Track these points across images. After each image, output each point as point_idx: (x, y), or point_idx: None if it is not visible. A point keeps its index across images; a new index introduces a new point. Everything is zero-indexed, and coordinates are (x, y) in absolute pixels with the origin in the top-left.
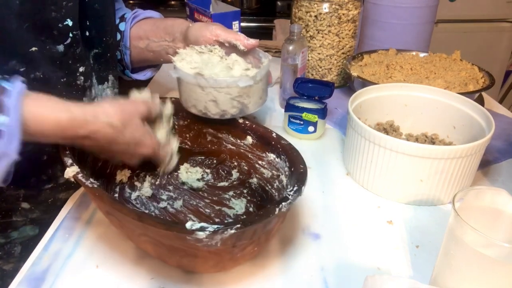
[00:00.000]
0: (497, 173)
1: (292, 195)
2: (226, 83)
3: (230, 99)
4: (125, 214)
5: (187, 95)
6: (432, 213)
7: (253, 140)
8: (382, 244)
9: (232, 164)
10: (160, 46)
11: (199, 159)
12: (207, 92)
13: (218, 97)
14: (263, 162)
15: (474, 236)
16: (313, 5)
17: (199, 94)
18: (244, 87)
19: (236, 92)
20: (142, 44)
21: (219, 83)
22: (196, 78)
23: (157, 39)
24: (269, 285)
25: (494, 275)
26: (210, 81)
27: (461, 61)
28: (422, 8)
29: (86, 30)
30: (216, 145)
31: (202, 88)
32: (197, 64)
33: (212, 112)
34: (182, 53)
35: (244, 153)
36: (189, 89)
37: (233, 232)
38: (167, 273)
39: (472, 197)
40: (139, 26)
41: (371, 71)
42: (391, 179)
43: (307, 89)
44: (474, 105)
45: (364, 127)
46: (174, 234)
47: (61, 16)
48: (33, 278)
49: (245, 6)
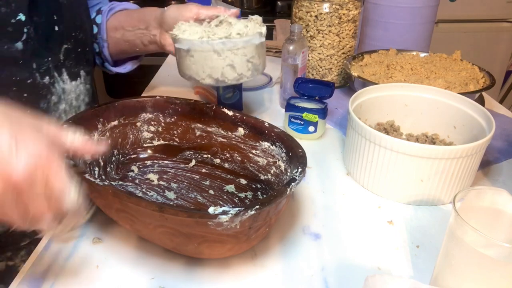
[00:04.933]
0: (497, 173)
1: (298, 176)
2: (242, 43)
3: (246, 60)
4: (144, 207)
5: (199, 66)
6: (433, 213)
7: (245, 131)
8: (383, 244)
9: (224, 156)
10: (135, 35)
11: (188, 154)
12: (225, 57)
13: (235, 60)
14: (257, 151)
15: (475, 236)
16: (313, 5)
17: (215, 60)
18: (257, 46)
19: (251, 52)
20: (118, 34)
21: (236, 44)
22: (212, 44)
23: (131, 28)
24: (269, 285)
25: (495, 275)
26: (228, 44)
27: (462, 61)
28: (423, 8)
29: (55, 25)
30: (206, 139)
31: (219, 53)
32: (199, 34)
33: (229, 77)
34: (179, 27)
35: (236, 144)
36: (203, 57)
37: (252, 214)
38: (167, 273)
39: (472, 197)
40: (115, 18)
41: (372, 71)
42: (392, 179)
43: (308, 89)
44: (474, 105)
45: (364, 127)
46: (195, 220)
47: (11, 11)
48: (33, 278)
49: (245, 6)
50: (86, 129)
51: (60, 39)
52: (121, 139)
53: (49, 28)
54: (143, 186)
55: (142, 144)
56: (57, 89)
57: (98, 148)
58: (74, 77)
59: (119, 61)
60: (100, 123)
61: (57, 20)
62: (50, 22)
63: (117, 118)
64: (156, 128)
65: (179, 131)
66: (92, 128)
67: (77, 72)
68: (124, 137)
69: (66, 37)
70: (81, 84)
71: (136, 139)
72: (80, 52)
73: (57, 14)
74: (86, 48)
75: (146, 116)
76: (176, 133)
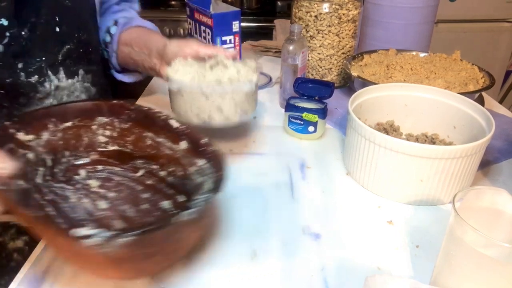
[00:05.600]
0: (497, 173)
1: (196, 203)
2: (231, 89)
3: (234, 105)
4: None
5: (188, 106)
6: (432, 213)
7: (187, 145)
8: (382, 244)
9: (170, 169)
10: (139, 57)
11: (139, 162)
12: (213, 100)
13: (223, 104)
14: (195, 168)
15: (474, 236)
16: (313, 5)
17: (203, 103)
18: (247, 92)
19: (240, 98)
20: (126, 50)
21: (225, 90)
22: (201, 87)
23: (138, 49)
24: (269, 285)
25: (494, 275)
26: (217, 89)
27: (461, 61)
28: (422, 8)
29: (56, 26)
30: (155, 149)
31: (207, 96)
32: (191, 74)
33: (216, 119)
34: (174, 65)
35: (179, 158)
36: (192, 98)
37: (122, 242)
38: (167, 273)
39: (472, 197)
40: (128, 33)
41: (371, 71)
42: (391, 179)
43: (307, 89)
44: (474, 105)
45: (364, 127)
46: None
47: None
48: (33, 278)
49: (245, 6)
50: (34, 128)
51: (61, 40)
52: (74, 141)
53: (48, 29)
54: (82, 192)
55: (96, 148)
56: (47, 87)
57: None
58: (72, 76)
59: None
60: (52, 123)
61: (59, 22)
62: (51, 23)
63: (72, 119)
64: (111, 133)
65: (132, 138)
66: (41, 128)
67: (75, 70)
68: (78, 139)
69: (69, 37)
70: (78, 82)
71: (91, 142)
72: (82, 52)
73: (59, 15)
74: (90, 48)
75: (102, 120)
76: (130, 140)
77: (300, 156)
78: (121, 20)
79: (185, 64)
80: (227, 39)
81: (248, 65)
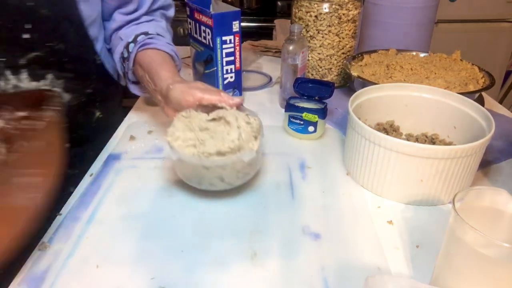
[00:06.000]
0: (497, 173)
1: None
2: (231, 160)
3: (236, 172)
4: None
5: (189, 174)
6: (432, 213)
7: None
8: (382, 244)
9: None
10: (148, 86)
11: None
12: (213, 171)
13: (224, 174)
14: None
15: (475, 236)
16: (313, 5)
17: (204, 173)
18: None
19: (241, 166)
20: (141, 72)
21: (225, 162)
22: (201, 160)
23: (148, 78)
24: (269, 285)
25: (494, 275)
26: (217, 162)
27: (461, 61)
28: (422, 8)
29: (24, 33)
30: None
31: (207, 168)
32: (192, 141)
33: (218, 187)
34: (174, 129)
35: None
36: (192, 169)
37: None
38: (167, 273)
39: (472, 197)
40: (143, 55)
41: (371, 71)
42: (391, 179)
43: (307, 89)
44: (474, 105)
45: (364, 127)
46: None
47: None
48: (33, 278)
49: (245, 6)
50: None
51: (29, 46)
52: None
53: (13, 34)
54: None
55: None
56: (1, 85)
57: None
58: (37, 79)
59: None
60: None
61: (31, 29)
62: (19, 29)
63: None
64: None
65: None
66: None
67: (42, 74)
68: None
69: (39, 45)
70: (45, 86)
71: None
72: (54, 61)
73: (33, 23)
74: (65, 58)
75: None
76: None
77: (300, 156)
78: (140, 38)
79: (185, 128)
80: (227, 39)
81: (252, 123)
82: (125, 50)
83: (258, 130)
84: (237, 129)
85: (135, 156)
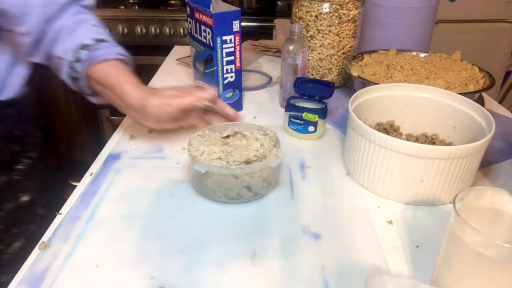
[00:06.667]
0: (497, 173)
1: None
2: (259, 167)
3: (262, 180)
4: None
5: (216, 187)
6: (432, 213)
7: None
8: (382, 244)
9: None
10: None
11: None
12: (242, 180)
13: (252, 182)
14: None
15: (475, 236)
16: (313, 5)
17: (233, 183)
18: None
19: (267, 173)
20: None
21: (254, 169)
22: (231, 170)
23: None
24: (269, 285)
25: (495, 275)
26: (246, 169)
27: (461, 61)
28: (423, 8)
29: None
30: None
31: (236, 177)
32: (217, 154)
33: (244, 197)
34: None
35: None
36: (221, 180)
37: None
38: (167, 273)
39: (472, 197)
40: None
41: (372, 71)
42: (391, 179)
43: (308, 89)
44: (474, 105)
45: (364, 127)
46: None
47: None
48: (32, 278)
49: (245, 6)
50: None
51: None
52: None
53: None
54: None
55: None
56: None
57: None
58: None
59: None
60: None
61: None
62: None
63: None
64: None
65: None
66: None
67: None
68: None
69: None
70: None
71: None
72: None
73: None
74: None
75: None
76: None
77: (300, 156)
78: (83, 55)
79: (207, 142)
80: (227, 39)
81: (269, 134)
82: (71, 70)
83: (277, 139)
84: (256, 140)
85: (135, 155)
